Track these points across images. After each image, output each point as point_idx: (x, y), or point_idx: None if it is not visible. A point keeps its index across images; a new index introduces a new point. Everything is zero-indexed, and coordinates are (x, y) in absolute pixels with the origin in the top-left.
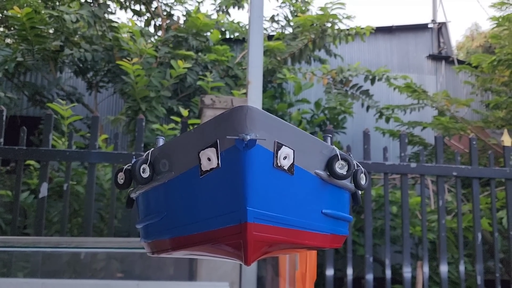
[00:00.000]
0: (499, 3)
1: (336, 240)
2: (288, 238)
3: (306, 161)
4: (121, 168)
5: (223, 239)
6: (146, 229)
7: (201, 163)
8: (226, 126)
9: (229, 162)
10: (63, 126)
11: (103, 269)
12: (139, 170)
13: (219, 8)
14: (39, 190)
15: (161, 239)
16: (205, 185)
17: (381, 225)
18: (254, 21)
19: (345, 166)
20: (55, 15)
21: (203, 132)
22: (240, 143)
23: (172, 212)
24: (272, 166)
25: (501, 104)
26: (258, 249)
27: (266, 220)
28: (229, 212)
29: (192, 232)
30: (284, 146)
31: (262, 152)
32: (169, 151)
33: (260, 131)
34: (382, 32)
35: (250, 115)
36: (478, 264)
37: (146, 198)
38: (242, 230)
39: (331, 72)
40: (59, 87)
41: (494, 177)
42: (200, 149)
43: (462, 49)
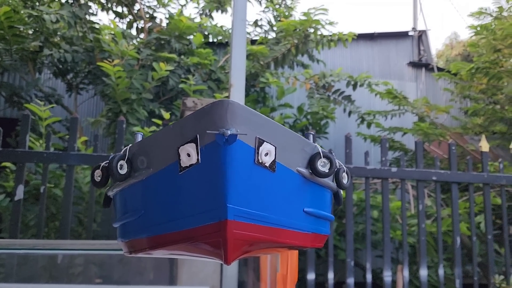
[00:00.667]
0: (477, 12)
1: (317, 240)
2: (269, 237)
3: (288, 158)
4: (98, 165)
5: (202, 237)
6: (123, 228)
7: (181, 159)
8: (206, 120)
9: (209, 157)
10: (41, 128)
11: (80, 273)
12: (116, 166)
13: (202, 12)
14: (15, 193)
15: (138, 238)
16: (184, 182)
17: (362, 229)
18: (237, 24)
19: (327, 164)
20: (34, 14)
21: (183, 127)
22: (221, 138)
23: (150, 210)
24: (253, 162)
25: (479, 111)
26: (238, 248)
27: (246, 218)
28: (209, 210)
29: (170, 230)
30: (266, 142)
31: (243, 148)
32: (147, 147)
33: (241, 126)
34: (363, 39)
35: (231, 109)
36: (457, 268)
37: (123, 196)
38: (221, 228)
39: (314, 77)
40: (38, 88)
41: (472, 182)
42: (180, 144)
43: (442, 57)
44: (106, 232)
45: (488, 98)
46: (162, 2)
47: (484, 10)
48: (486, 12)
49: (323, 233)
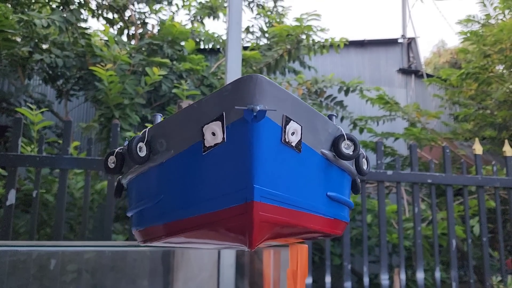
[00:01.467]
0: (465, 20)
1: (338, 226)
2: (294, 221)
3: (313, 139)
4: (112, 151)
5: (226, 221)
6: (138, 215)
7: (205, 138)
8: (234, 97)
9: (236, 135)
10: (32, 133)
11: (73, 281)
12: (136, 148)
13: (193, 18)
14: (6, 198)
15: (155, 225)
16: (207, 163)
17: (355, 234)
18: (232, 27)
19: (351, 146)
20: (25, 19)
21: (207, 105)
22: (249, 115)
23: (170, 195)
24: (280, 141)
25: (469, 116)
26: (263, 231)
27: (272, 200)
28: (234, 191)
29: (191, 215)
30: (292, 121)
31: (270, 126)
32: (168, 129)
33: (269, 103)
34: (354, 46)
35: (260, 84)
36: (453, 271)
37: (140, 181)
38: (247, 210)
39: (306, 83)
40: (27, 94)
41: (467, 184)
42: (204, 123)
43: (430, 64)
44: (99, 238)
45: (478, 103)
46: (153, 9)
47: (472, 18)
48: (474, 19)
49: (344, 219)
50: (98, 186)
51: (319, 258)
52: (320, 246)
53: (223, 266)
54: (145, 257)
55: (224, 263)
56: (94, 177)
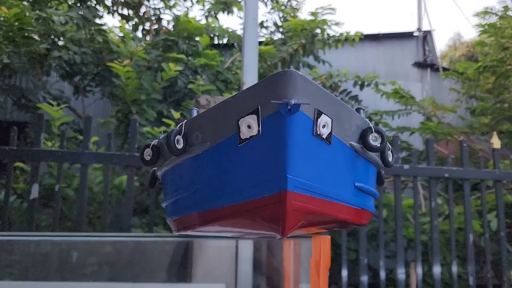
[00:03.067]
0: (483, 12)
1: (365, 216)
2: (324, 210)
3: (342, 131)
4: (148, 144)
5: (260, 209)
6: (174, 205)
7: (241, 131)
8: (269, 91)
9: (271, 128)
10: (52, 128)
11: (93, 273)
12: (174, 140)
13: (208, 13)
14: (29, 192)
15: (190, 214)
16: (243, 154)
17: (371, 229)
18: (249, 22)
19: (379, 138)
20: (43, 16)
21: (243, 99)
22: (284, 108)
23: (206, 185)
24: (311, 134)
25: (487, 110)
26: (296, 220)
27: (304, 190)
28: (268, 181)
29: (226, 204)
30: (324, 114)
31: (303, 119)
32: (203, 122)
33: (302, 96)
34: (368, 40)
35: (294, 79)
36: (470, 265)
37: (176, 172)
38: (281, 199)
39: (321, 78)
40: (46, 90)
41: (484, 178)
42: (240, 116)
43: (445, 58)
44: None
45: (495, 97)
46: (168, 5)
47: (489, 10)
48: (492, 11)
49: (370, 209)
50: (116, 181)
51: (334, 252)
52: (335, 241)
53: (241, 260)
54: (164, 250)
55: (242, 257)
56: (112, 172)
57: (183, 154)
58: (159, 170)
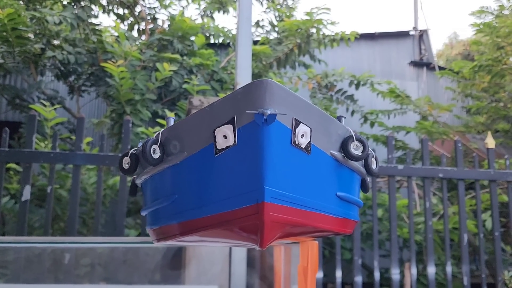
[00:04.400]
0: (478, 11)
1: (348, 225)
2: (304, 220)
3: (322, 140)
4: (126, 153)
5: (238, 220)
6: (153, 214)
7: (217, 141)
8: (245, 101)
9: (247, 138)
10: (45, 129)
11: (87, 274)
12: (149, 150)
13: (203, 13)
14: (21, 193)
15: (169, 224)
16: (220, 165)
17: (365, 229)
18: (242, 22)
19: (360, 147)
20: (37, 16)
21: (219, 109)
22: (260, 118)
23: (184, 195)
24: (290, 143)
25: (482, 109)
26: (274, 231)
27: (283, 201)
28: (245, 192)
29: (204, 214)
30: (302, 124)
31: (280, 129)
32: (180, 131)
33: (279, 106)
34: (364, 39)
35: (270, 89)
36: (464, 265)
37: (155, 181)
38: (258, 211)
39: (316, 77)
40: (40, 90)
41: (479, 178)
42: (216, 126)
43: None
44: (111, 233)
45: (491, 96)
46: (163, 4)
47: (485, 9)
48: (487, 10)
49: (353, 218)
50: (110, 182)
51: (329, 252)
52: (331, 240)
53: (235, 260)
54: (157, 251)
55: (236, 258)
56: (106, 173)
57: (160, 164)
58: (139, 179)
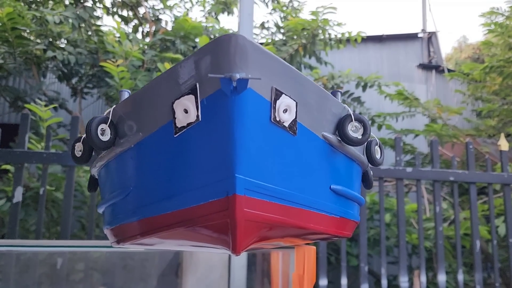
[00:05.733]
0: (489, 12)
1: (346, 226)
2: (288, 219)
3: (312, 119)
4: (79, 137)
5: (205, 218)
6: (110, 211)
7: (176, 116)
8: (208, 63)
9: (213, 112)
10: (42, 129)
11: (82, 280)
12: (95, 131)
13: (208, 14)
14: (13, 195)
15: (127, 223)
16: (180, 147)
17: (373, 234)
18: (243, 19)
19: (360, 128)
20: (37, 16)
21: (177, 75)
22: (227, 85)
23: (140, 186)
24: (269, 120)
25: (493, 112)
26: (250, 232)
27: (260, 193)
28: (212, 183)
29: (165, 211)
30: (285, 95)
31: (255, 100)
32: (135, 106)
33: (254, 70)
34: (372, 41)
35: (241, 46)
36: (477, 273)
37: (109, 170)
38: (229, 206)
39: (322, 79)
40: (42, 92)
41: (492, 182)
42: (174, 98)
43: (451, 60)
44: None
45: (502, 99)
46: (167, 5)
47: (495, 10)
48: (498, 12)
49: (353, 218)
50: None
51: (335, 258)
52: (337, 246)
53: (234, 267)
54: (155, 257)
55: (235, 264)
56: None
57: (112, 148)
58: (93, 167)
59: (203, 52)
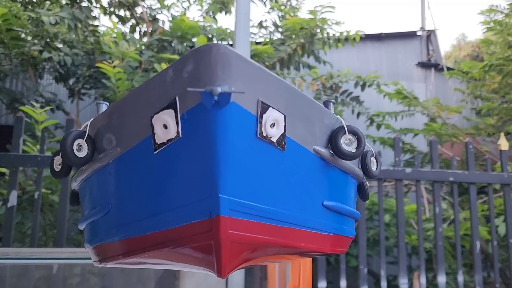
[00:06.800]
0: (488, 10)
1: (340, 243)
2: (278, 239)
3: (302, 132)
4: (58, 151)
5: (188, 240)
6: (90, 229)
7: (155, 132)
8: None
9: (194, 127)
10: (37, 132)
11: (79, 284)
12: (71, 147)
13: (206, 14)
14: (7, 199)
15: (108, 242)
16: (161, 164)
17: (372, 235)
18: (240, 18)
19: (354, 141)
20: (33, 16)
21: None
22: (208, 99)
23: (120, 204)
24: (254, 135)
25: (493, 110)
26: (236, 254)
27: (246, 214)
28: (195, 202)
29: (146, 231)
30: (272, 109)
31: (240, 114)
32: (112, 119)
33: (238, 82)
34: (371, 40)
35: (223, 57)
36: (477, 275)
37: (88, 186)
38: (213, 227)
39: (321, 78)
40: (38, 93)
41: (491, 182)
42: (153, 112)
43: (450, 58)
44: None
45: (501, 97)
46: (164, 5)
47: (495, 8)
48: (497, 9)
49: (347, 234)
50: None
51: (334, 259)
52: None
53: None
54: None
55: None
56: None
57: (89, 164)
58: (74, 182)
59: (182, 63)
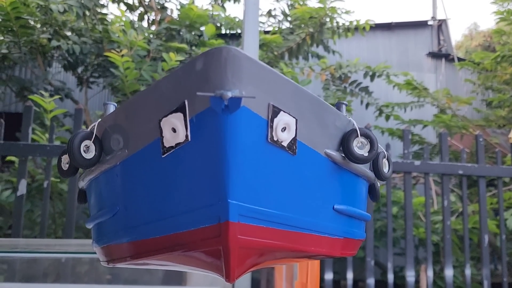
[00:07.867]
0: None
1: (350, 246)
2: (287, 244)
3: (313, 136)
4: (65, 150)
5: (197, 244)
6: (97, 229)
7: (163, 135)
8: (197, 78)
9: (203, 132)
10: (47, 120)
11: (87, 272)
12: (78, 148)
13: (214, 2)
14: (17, 188)
15: (117, 243)
16: (169, 168)
17: (379, 226)
18: (249, 7)
19: (366, 144)
20: (41, 4)
21: (164, 90)
22: (218, 103)
23: (129, 206)
24: (265, 140)
25: (504, 102)
26: (245, 259)
27: (256, 219)
28: (203, 207)
29: (154, 234)
30: (283, 112)
31: (250, 119)
32: (120, 121)
33: (248, 86)
34: (381, 29)
35: (234, 60)
36: (485, 268)
37: (96, 186)
38: (222, 233)
39: (330, 68)
40: (47, 81)
41: (501, 176)
42: (162, 115)
43: (461, 48)
44: None
45: None
46: None
47: None
48: None
49: (358, 237)
50: None
51: None
52: None
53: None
54: None
55: None
56: None
57: (97, 165)
58: (81, 181)
59: (192, 65)
